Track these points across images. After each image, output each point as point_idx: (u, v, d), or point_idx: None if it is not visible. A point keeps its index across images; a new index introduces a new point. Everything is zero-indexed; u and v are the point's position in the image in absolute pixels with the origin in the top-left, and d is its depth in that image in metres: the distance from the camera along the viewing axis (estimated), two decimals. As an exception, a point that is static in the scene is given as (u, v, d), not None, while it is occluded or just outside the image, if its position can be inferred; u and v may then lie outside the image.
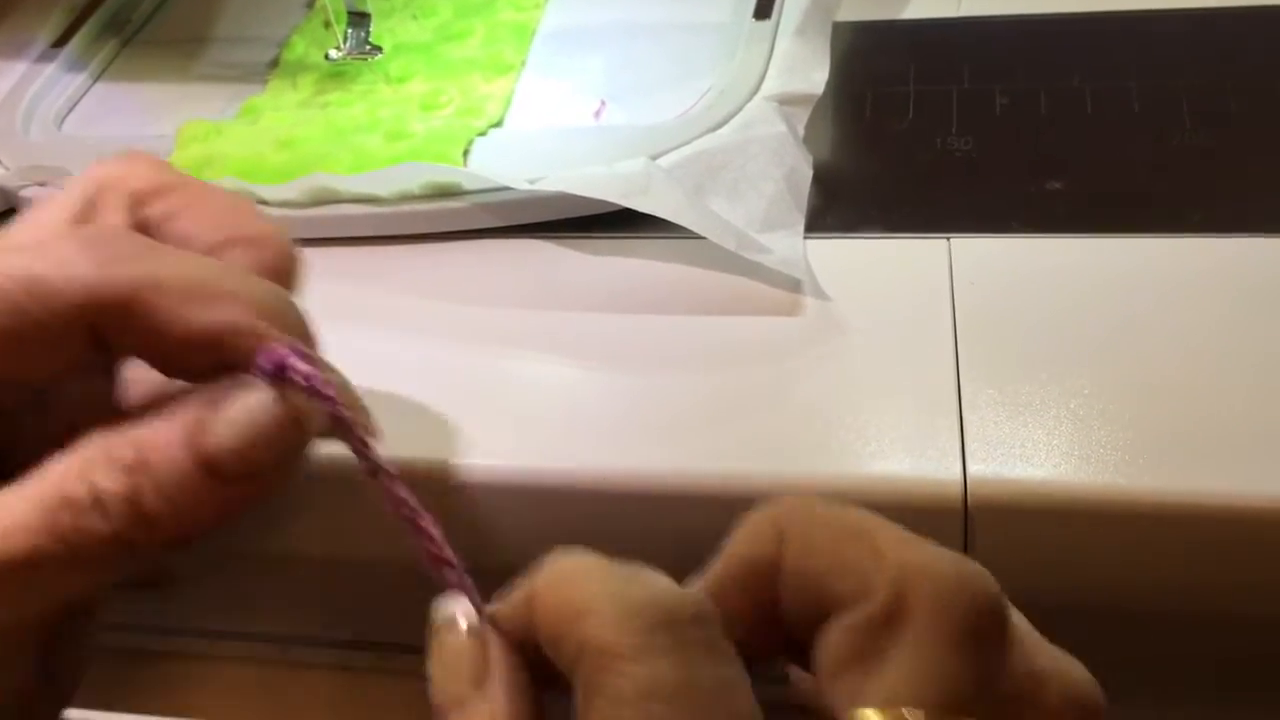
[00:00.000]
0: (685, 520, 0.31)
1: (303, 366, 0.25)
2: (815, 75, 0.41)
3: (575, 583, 0.23)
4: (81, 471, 0.24)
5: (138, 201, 0.29)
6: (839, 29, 0.45)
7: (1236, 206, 0.36)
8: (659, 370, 0.34)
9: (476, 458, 0.32)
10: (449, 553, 0.25)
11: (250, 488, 0.25)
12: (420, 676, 0.28)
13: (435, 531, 0.25)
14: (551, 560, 0.24)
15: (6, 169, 0.45)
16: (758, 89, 0.41)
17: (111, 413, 0.26)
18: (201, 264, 0.26)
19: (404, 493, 0.25)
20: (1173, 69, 0.41)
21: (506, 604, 0.24)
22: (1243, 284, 0.33)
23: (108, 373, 0.28)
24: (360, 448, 0.25)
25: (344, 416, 0.25)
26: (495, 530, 0.33)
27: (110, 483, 0.24)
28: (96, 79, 0.51)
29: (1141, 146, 0.38)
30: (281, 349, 0.25)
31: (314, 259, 0.40)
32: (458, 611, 0.24)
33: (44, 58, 0.51)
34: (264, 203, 0.40)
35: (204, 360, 0.25)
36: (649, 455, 0.32)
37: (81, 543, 0.24)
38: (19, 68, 0.50)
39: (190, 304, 0.25)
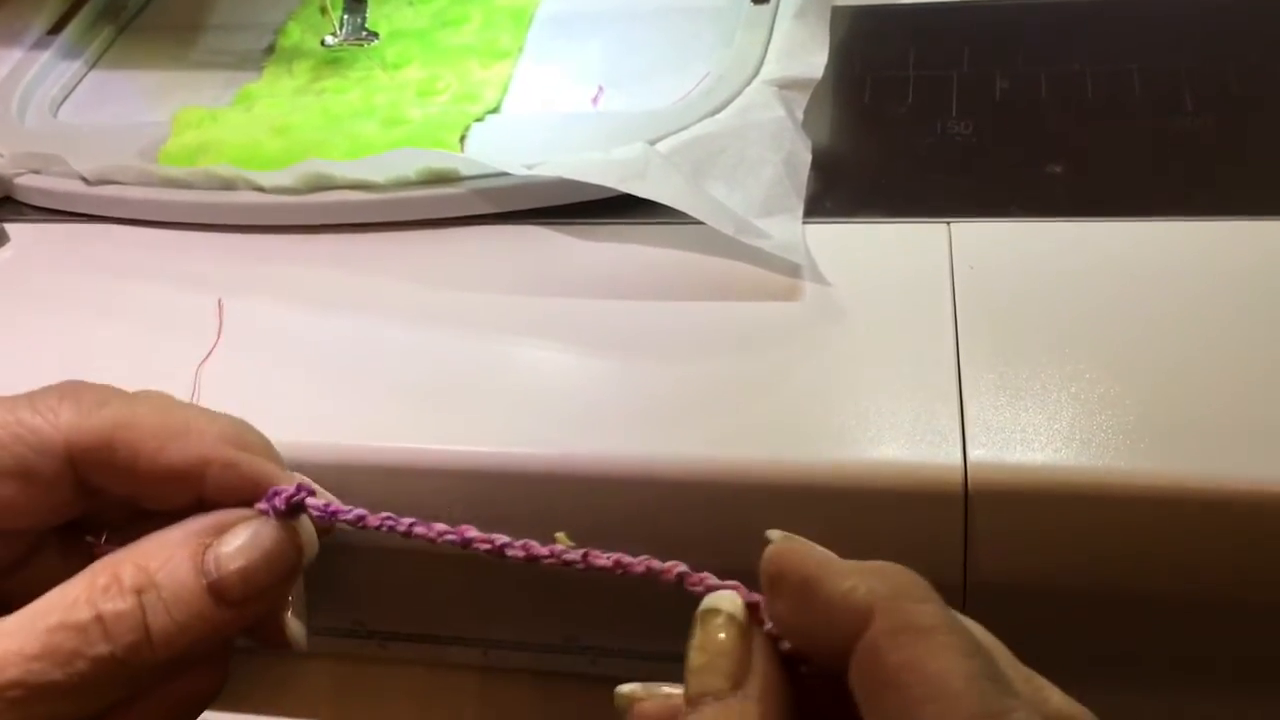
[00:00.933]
0: (685, 505, 0.31)
1: (318, 501, 0.27)
2: (814, 59, 0.41)
3: (910, 628, 0.21)
4: (88, 596, 0.25)
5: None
6: (838, 13, 0.45)
7: (1238, 189, 0.36)
8: (657, 356, 0.34)
9: (474, 444, 0.32)
10: (656, 562, 0.26)
11: (250, 609, 0.27)
12: (419, 664, 0.28)
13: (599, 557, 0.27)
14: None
15: (2, 156, 0.45)
16: (756, 73, 0.41)
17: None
18: (169, 403, 0.28)
19: (520, 547, 0.27)
20: (1174, 52, 0.41)
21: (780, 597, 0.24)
22: (1244, 267, 0.33)
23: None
24: (412, 533, 0.27)
25: (379, 525, 0.27)
26: (493, 516, 0.32)
27: (116, 604, 0.25)
28: (92, 66, 0.51)
29: (1142, 130, 0.38)
30: (290, 488, 0.27)
31: (310, 245, 0.40)
32: (727, 605, 0.24)
33: (39, 45, 0.51)
34: (260, 189, 0.40)
35: (184, 492, 0.28)
36: (648, 441, 0.31)
37: (81, 668, 0.25)
38: (14, 55, 0.50)
39: (164, 440, 0.27)
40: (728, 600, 0.24)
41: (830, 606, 0.22)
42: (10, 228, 0.42)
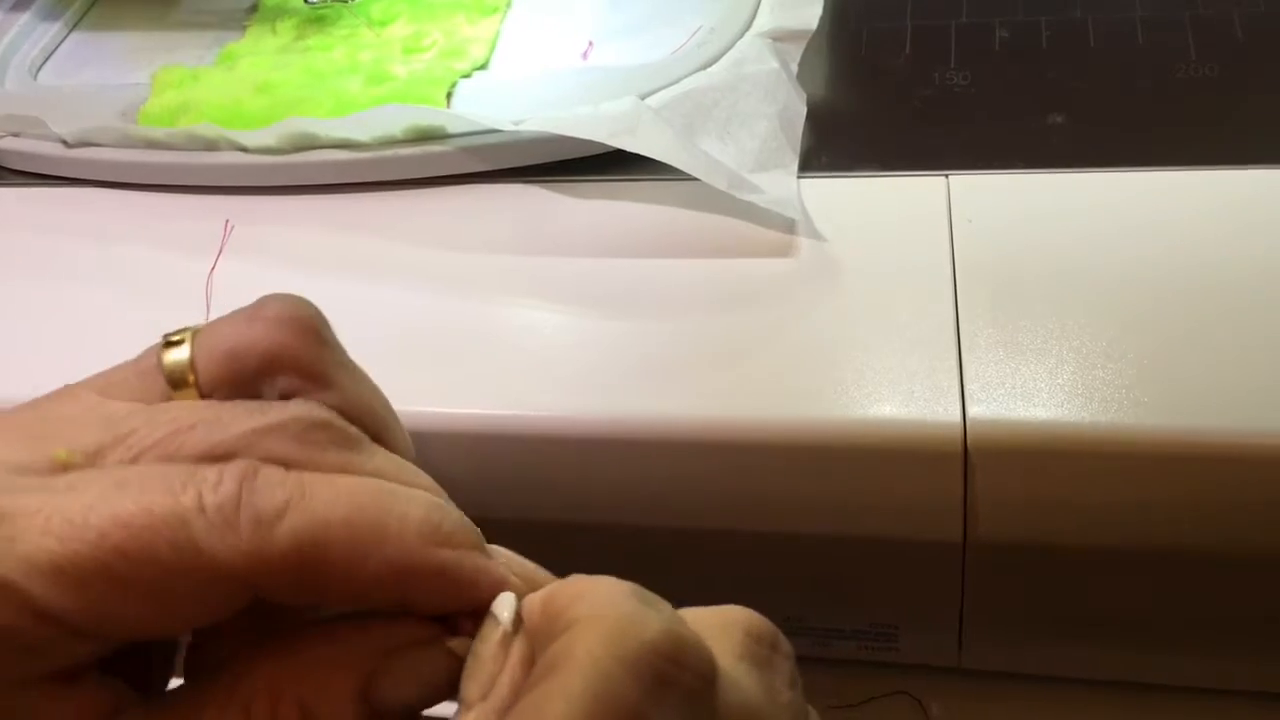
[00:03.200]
0: (680, 464, 0.31)
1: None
2: (809, 11, 0.40)
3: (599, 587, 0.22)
4: None
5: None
6: (833, -36, 0.44)
7: (1243, 139, 0.35)
8: (651, 315, 0.33)
9: (465, 405, 0.31)
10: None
11: None
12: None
13: None
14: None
15: (-20, 119, 0.44)
16: (749, 26, 0.40)
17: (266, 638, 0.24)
18: (357, 492, 0.23)
19: None
20: (1178, 0, 0.40)
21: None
22: (1249, 217, 0.32)
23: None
24: None
25: None
26: (488, 478, 0.32)
27: None
28: (72, 28, 0.50)
29: (1145, 79, 0.37)
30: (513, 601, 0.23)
31: (294, 206, 0.39)
32: (502, 613, 0.23)
33: (18, 6, 0.50)
34: (243, 149, 0.39)
35: (379, 601, 0.23)
36: (642, 400, 0.31)
37: None
38: (-8, 17, 0.49)
39: (359, 552, 0.22)
40: (503, 607, 0.23)
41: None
42: (-10, 192, 0.42)
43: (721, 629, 0.23)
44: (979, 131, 0.36)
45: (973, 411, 0.29)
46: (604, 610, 0.21)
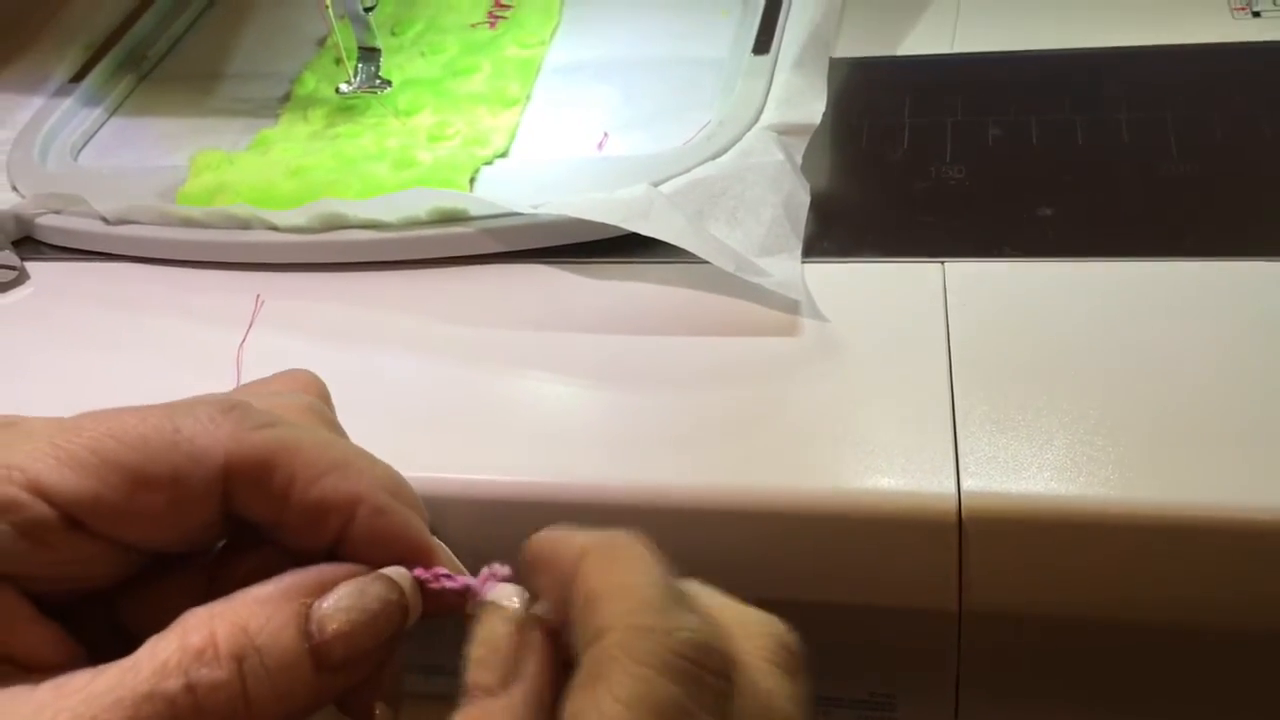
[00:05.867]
0: (686, 534, 0.32)
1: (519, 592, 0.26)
2: (812, 106, 0.42)
3: (615, 556, 0.23)
4: (179, 660, 0.23)
5: None
6: (837, 65, 0.46)
7: (1222, 232, 0.37)
8: (660, 389, 0.35)
9: (482, 474, 0.33)
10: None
11: (347, 676, 0.25)
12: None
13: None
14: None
15: (23, 197, 0.46)
16: (756, 119, 0.42)
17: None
18: (332, 438, 0.27)
19: None
20: (1160, 102, 0.42)
21: (531, 548, 0.25)
22: (1228, 304, 0.34)
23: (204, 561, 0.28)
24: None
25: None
26: (500, 546, 0.33)
27: (213, 673, 0.22)
28: (113, 113, 0.53)
29: (1130, 174, 0.39)
30: (500, 573, 0.26)
31: (322, 283, 0.41)
32: (510, 601, 0.25)
33: (61, 92, 0.52)
34: (274, 228, 0.41)
35: (326, 531, 0.25)
36: (650, 471, 0.32)
37: None
38: (36, 102, 0.52)
39: (323, 470, 0.25)
40: (512, 597, 0.25)
41: (558, 566, 0.24)
42: (31, 266, 0.44)
43: (760, 632, 0.25)
44: (973, 221, 0.38)
45: (967, 484, 0.30)
46: (636, 616, 0.22)
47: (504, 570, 0.26)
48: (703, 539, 0.32)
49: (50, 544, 0.23)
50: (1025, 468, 0.31)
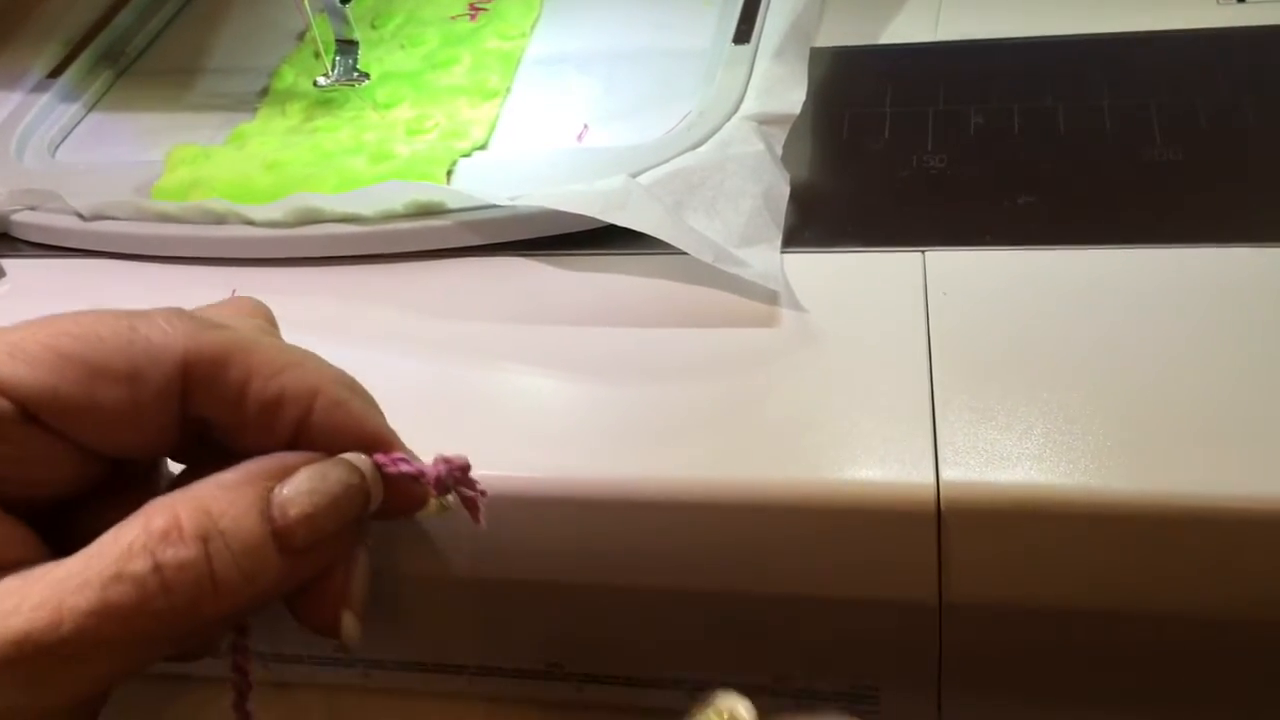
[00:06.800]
0: (663, 526, 0.32)
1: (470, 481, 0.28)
2: (793, 96, 0.42)
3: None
4: (144, 543, 0.23)
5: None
6: (818, 54, 0.46)
7: (1205, 218, 0.36)
8: (638, 382, 0.34)
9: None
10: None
11: (311, 560, 0.25)
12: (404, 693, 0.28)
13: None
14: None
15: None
16: (736, 109, 0.42)
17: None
18: (281, 341, 0.28)
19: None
20: (1143, 89, 0.42)
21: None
22: (1209, 291, 0.34)
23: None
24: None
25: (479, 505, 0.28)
26: (478, 540, 0.33)
27: (179, 552, 0.23)
28: (90, 109, 0.52)
29: (1112, 162, 0.39)
30: (461, 459, 0.28)
31: (299, 278, 0.41)
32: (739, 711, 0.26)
33: (39, 88, 0.52)
34: (251, 223, 0.41)
35: (284, 426, 0.26)
36: (628, 464, 0.32)
37: (140, 625, 0.22)
38: (14, 98, 0.51)
39: (279, 367, 0.26)
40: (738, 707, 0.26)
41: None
42: (7, 263, 0.43)
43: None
44: (954, 210, 0.38)
45: (946, 474, 0.30)
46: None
47: (460, 460, 0.28)
48: (682, 532, 0.32)
49: (8, 438, 0.23)
50: (1005, 457, 0.30)
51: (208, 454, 0.27)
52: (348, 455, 0.26)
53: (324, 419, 0.26)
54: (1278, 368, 0.31)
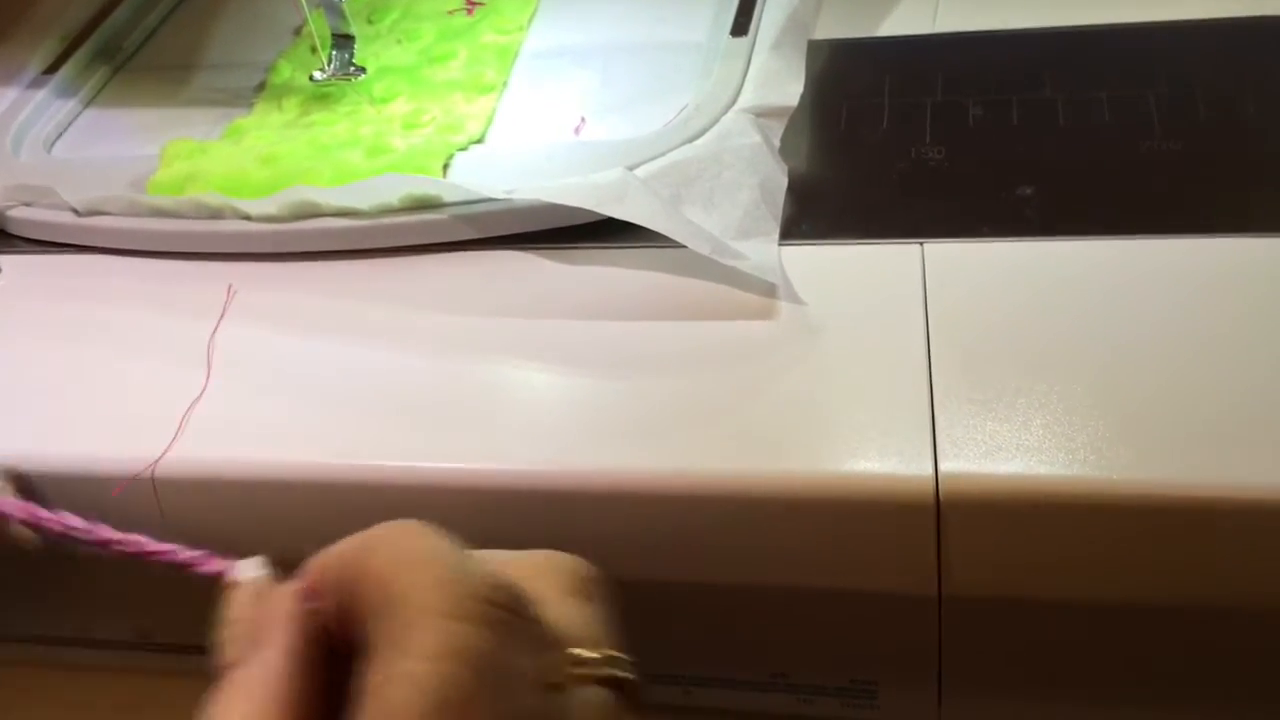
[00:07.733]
0: (663, 519, 0.32)
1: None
2: (790, 88, 0.42)
3: (401, 541, 0.23)
4: None
5: None
6: (816, 47, 0.46)
7: (1204, 209, 0.36)
8: (636, 374, 0.34)
9: (456, 462, 0.32)
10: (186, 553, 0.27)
11: None
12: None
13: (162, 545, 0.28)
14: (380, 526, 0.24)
15: (-5, 189, 0.45)
16: (734, 102, 0.41)
17: None
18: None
19: (108, 533, 0.29)
20: (1142, 80, 0.42)
21: (314, 566, 0.25)
22: (1209, 282, 0.34)
23: None
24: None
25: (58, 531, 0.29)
26: (476, 534, 0.33)
27: None
28: (87, 104, 0.52)
29: (1111, 153, 0.39)
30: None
31: (295, 272, 0.40)
32: (244, 573, 0.25)
33: (35, 84, 0.52)
34: (247, 217, 0.41)
35: None
36: (626, 456, 0.32)
37: None
38: (10, 93, 0.51)
39: None
40: (247, 570, 0.25)
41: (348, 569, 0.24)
42: (2, 259, 0.43)
43: (550, 569, 0.26)
44: (952, 202, 0.38)
45: (945, 466, 0.30)
46: (431, 578, 0.22)
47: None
48: (679, 524, 0.32)
49: None
50: (1004, 449, 0.30)
51: None
52: None
53: None
54: (1278, 358, 0.31)
